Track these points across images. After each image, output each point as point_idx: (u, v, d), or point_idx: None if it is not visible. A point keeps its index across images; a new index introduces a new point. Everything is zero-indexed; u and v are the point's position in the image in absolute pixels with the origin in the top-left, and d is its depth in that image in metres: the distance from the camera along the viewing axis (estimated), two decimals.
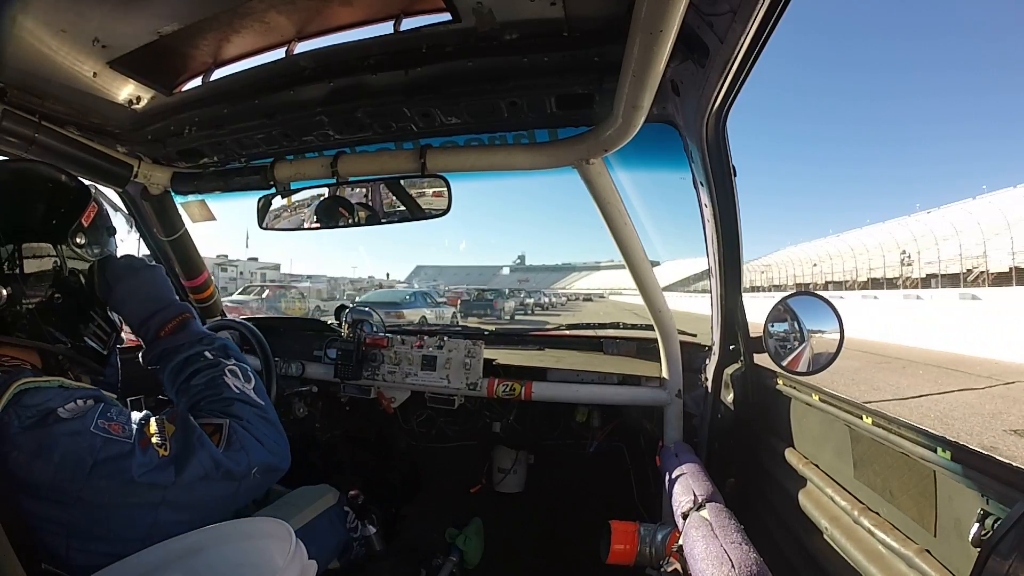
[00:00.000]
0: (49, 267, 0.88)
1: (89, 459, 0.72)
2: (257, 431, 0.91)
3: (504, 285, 59.26)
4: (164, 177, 1.60)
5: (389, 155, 1.42)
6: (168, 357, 0.99)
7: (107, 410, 0.78)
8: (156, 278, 1.05)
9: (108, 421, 0.76)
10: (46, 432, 0.71)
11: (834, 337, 1.25)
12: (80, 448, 0.72)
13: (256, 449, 0.88)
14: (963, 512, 0.75)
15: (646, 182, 1.54)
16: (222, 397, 0.93)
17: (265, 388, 1.66)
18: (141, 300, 1.01)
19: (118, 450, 0.74)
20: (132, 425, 0.79)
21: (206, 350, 0.99)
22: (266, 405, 0.98)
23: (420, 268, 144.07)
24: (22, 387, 0.74)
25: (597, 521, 1.31)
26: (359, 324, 1.91)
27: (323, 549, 1.50)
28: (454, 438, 2.24)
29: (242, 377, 0.98)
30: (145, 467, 0.75)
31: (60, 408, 0.74)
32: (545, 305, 31.19)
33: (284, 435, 0.98)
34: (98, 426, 0.75)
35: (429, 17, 1.03)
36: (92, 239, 0.96)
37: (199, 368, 0.96)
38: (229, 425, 0.88)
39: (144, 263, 1.05)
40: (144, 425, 0.80)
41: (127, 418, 0.80)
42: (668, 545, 1.19)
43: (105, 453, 0.73)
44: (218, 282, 12.97)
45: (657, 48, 0.80)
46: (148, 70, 1.19)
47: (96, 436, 0.74)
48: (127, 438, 0.76)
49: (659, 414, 1.67)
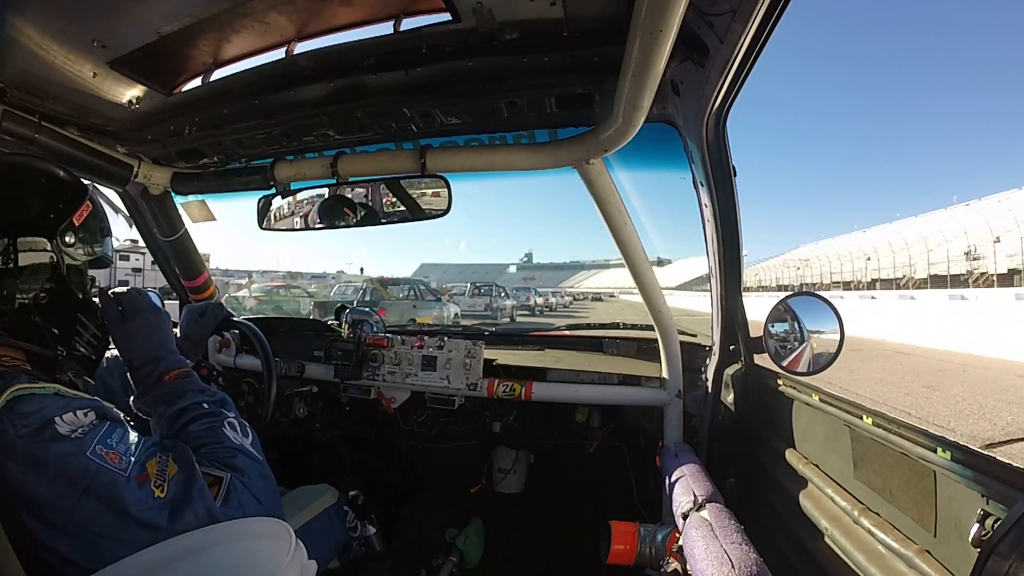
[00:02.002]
0: (45, 262, 0.87)
1: (82, 482, 0.71)
2: (257, 489, 0.88)
3: (510, 283, 58.18)
4: (164, 177, 1.60)
5: (389, 155, 1.42)
6: (168, 402, 0.97)
7: (109, 433, 0.76)
8: (168, 324, 1.06)
9: (107, 448, 0.74)
10: (42, 447, 0.70)
11: (834, 337, 1.25)
12: (74, 469, 0.71)
13: (253, 508, 0.85)
14: (963, 512, 0.75)
15: (646, 182, 1.54)
16: (224, 446, 0.91)
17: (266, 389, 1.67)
18: (153, 339, 1.01)
19: (111, 479, 0.72)
20: (131, 457, 0.76)
21: (205, 401, 0.97)
22: (263, 461, 0.95)
23: (425, 266, 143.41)
24: (17, 393, 0.72)
25: (597, 521, 1.31)
26: (359, 324, 1.91)
27: (323, 549, 1.50)
28: (454, 438, 2.24)
29: (240, 432, 0.95)
30: (140, 503, 0.73)
31: (57, 419, 0.72)
32: (552, 307, 27.36)
33: (277, 492, 0.96)
34: (96, 452, 0.73)
35: (429, 17, 1.03)
36: (83, 239, 0.93)
37: (198, 415, 0.94)
38: (230, 480, 0.85)
39: (162, 307, 1.06)
40: (146, 459, 0.78)
41: (127, 446, 0.77)
42: (668, 545, 1.19)
43: (99, 480, 0.71)
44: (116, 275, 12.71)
45: (657, 48, 0.80)
46: (148, 70, 1.19)
47: (91, 461, 0.72)
48: (123, 471, 0.74)
49: (659, 414, 1.67)
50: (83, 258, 0.94)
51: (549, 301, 27.07)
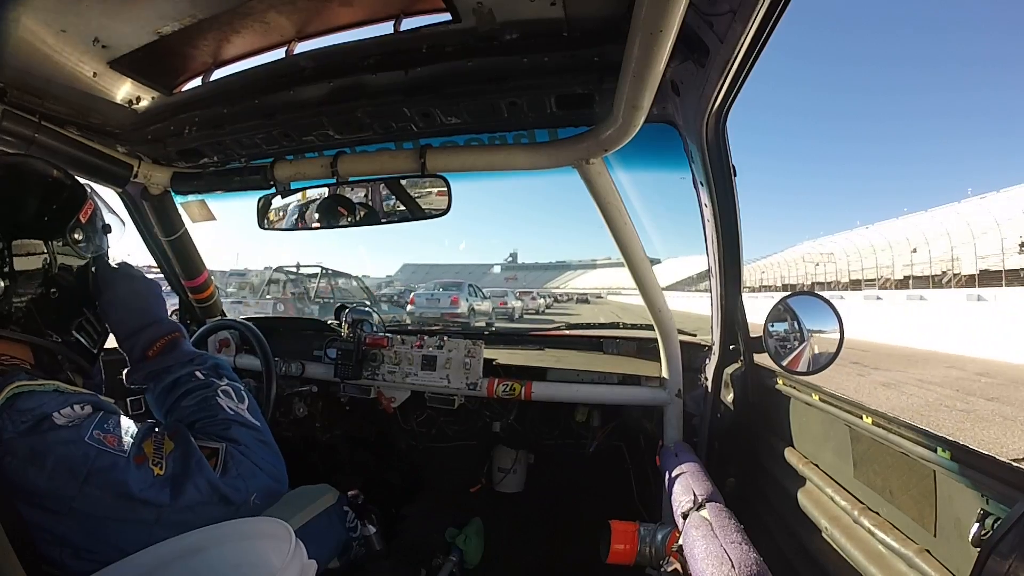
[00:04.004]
0: (39, 264, 0.86)
1: (83, 468, 0.71)
2: (255, 455, 0.87)
3: (495, 284, 55.05)
4: (164, 177, 1.60)
5: (389, 155, 1.42)
6: (157, 378, 0.96)
7: (105, 420, 0.77)
8: (151, 291, 1.02)
9: (104, 432, 0.75)
10: (40, 439, 0.70)
11: (834, 337, 1.25)
12: (73, 456, 0.71)
13: (254, 475, 0.85)
14: (963, 512, 0.75)
15: (646, 182, 1.54)
16: (218, 419, 0.89)
17: (266, 389, 1.67)
18: (131, 310, 0.98)
19: (111, 462, 0.73)
20: (128, 438, 0.77)
21: (197, 370, 0.96)
22: (262, 426, 0.94)
23: (407, 266, 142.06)
24: (16, 390, 0.73)
25: (597, 521, 1.31)
26: (359, 324, 1.91)
27: (323, 549, 1.49)
28: (454, 438, 2.24)
29: (235, 397, 0.94)
30: (141, 483, 0.73)
31: (55, 413, 0.73)
32: (528, 311, 21.95)
33: (281, 456, 0.94)
34: (93, 436, 0.73)
35: (429, 17, 1.03)
36: (88, 236, 0.94)
37: (190, 388, 0.93)
38: (226, 450, 0.84)
39: (141, 273, 1.02)
40: (142, 440, 0.78)
41: (124, 430, 0.78)
42: (668, 545, 1.19)
43: (99, 464, 0.72)
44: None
45: (657, 48, 0.80)
46: (148, 70, 1.19)
47: (90, 446, 0.72)
48: (121, 452, 0.74)
49: (659, 414, 1.67)
50: (88, 255, 0.95)
51: (511, 305, 19.72)
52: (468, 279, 20.65)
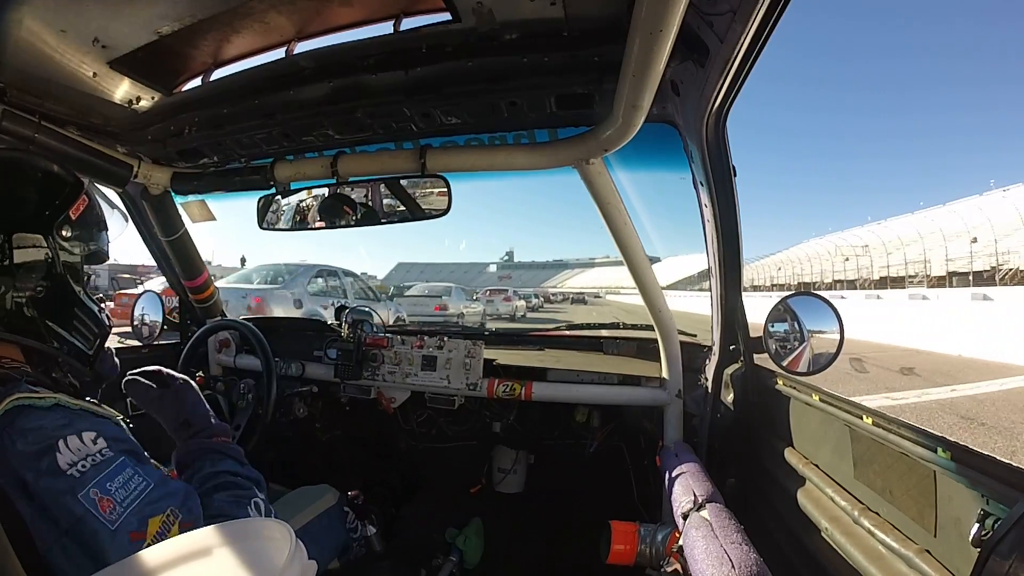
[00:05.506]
0: (40, 259, 0.85)
1: (65, 522, 0.67)
2: None
3: (490, 284, 54.30)
4: (164, 177, 1.60)
5: (389, 155, 1.42)
6: (211, 461, 0.96)
7: (115, 474, 0.71)
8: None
9: (103, 494, 0.69)
10: (35, 477, 0.67)
11: (834, 337, 1.25)
12: (60, 507, 0.67)
13: None
14: (963, 512, 0.75)
15: (646, 182, 1.54)
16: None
17: (266, 389, 1.67)
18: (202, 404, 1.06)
19: (93, 528, 0.67)
20: (128, 507, 0.71)
21: (241, 474, 0.96)
22: None
23: (402, 265, 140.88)
24: (16, 403, 0.70)
25: (597, 521, 1.31)
26: (359, 324, 1.91)
27: (323, 549, 1.50)
28: (454, 438, 2.24)
29: (263, 514, 0.92)
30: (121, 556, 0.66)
31: (61, 443, 0.69)
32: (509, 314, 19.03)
33: None
34: (88, 496, 0.68)
35: (429, 17, 1.02)
36: (80, 233, 0.92)
37: (227, 485, 0.92)
38: None
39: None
40: (152, 514, 0.72)
41: (129, 494, 0.72)
42: (668, 545, 1.19)
43: (83, 527, 0.67)
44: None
45: (657, 48, 0.80)
46: (148, 70, 1.19)
47: (79, 504, 0.67)
48: (110, 522, 0.68)
49: (659, 414, 1.67)
50: (80, 253, 0.93)
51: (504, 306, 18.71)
52: (463, 278, 20.03)
